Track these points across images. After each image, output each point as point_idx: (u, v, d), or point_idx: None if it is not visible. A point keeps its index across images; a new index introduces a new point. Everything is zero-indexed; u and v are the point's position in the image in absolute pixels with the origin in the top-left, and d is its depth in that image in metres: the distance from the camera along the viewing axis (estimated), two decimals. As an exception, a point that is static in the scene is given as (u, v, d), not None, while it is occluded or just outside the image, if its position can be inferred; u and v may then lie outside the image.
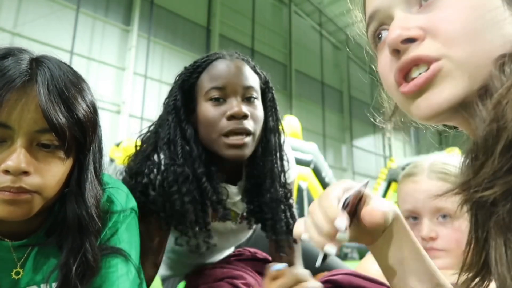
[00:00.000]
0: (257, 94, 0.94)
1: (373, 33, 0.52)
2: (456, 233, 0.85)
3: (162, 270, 1.26)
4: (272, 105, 1.00)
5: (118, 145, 6.28)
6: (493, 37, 0.42)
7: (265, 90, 1.00)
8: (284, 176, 1.00)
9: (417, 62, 0.44)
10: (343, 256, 7.76)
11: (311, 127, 13.80)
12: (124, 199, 0.74)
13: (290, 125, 7.33)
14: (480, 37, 0.41)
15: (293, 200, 1.03)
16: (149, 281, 0.89)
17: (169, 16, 10.64)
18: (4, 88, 0.55)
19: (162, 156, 0.91)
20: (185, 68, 0.98)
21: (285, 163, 1.00)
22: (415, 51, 0.43)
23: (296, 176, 1.12)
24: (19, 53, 0.61)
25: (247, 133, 0.89)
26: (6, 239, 0.65)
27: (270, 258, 1.06)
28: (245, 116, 0.88)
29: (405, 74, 0.45)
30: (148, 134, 0.98)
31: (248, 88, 0.92)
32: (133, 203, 0.77)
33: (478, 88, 0.41)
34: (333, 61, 16.53)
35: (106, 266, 0.67)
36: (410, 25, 0.44)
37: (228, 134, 0.88)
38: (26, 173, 0.57)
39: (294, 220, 1.00)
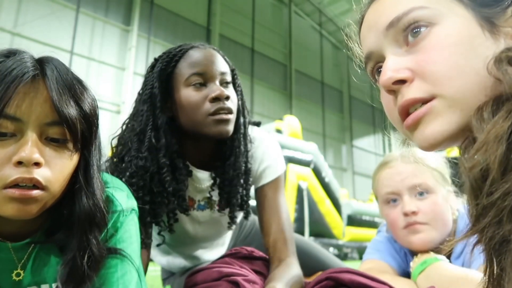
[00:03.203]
0: (230, 79, 1.01)
1: (371, 70, 0.56)
2: (434, 206, 0.95)
3: (163, 260, 1.28)
4: (240, 90, 1.08)
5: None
6: (479, 67, 0.43)
7: (234, 77, 1.07)
8: (247, 154, 1.05)
9: (411, 104, 0.47)
10: (343, 256, 7.75)
11: (311, 127, 13.81)
12: (124, 199, 0.74)
13: (290, 125, 7.32)
14: (466, 71, 0.44)
15: (251, 179, 1.08)
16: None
17: (169, 16, 10.64)
18: (14, 82, 0.56)
19: (132, 153, 0.95)
20: (156, 59, 1.03)
21: (248, 142, 1.06)
22: (407, 95, 0.47)
23: (284, 170, 1.14)
24: (23, 52, 0.62)
25: (230, 111, 0.96)
26: (6, 241, 0.65)
27: (266, 256, 1.06)
28: (227, 98, 0.95)
29: (406, 113, 0.49)
30: (124, 133, 1.02)
31: (224, 74, 0.99)
32: (132, 202, 0.76)
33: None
34: (333, 61, 16.53)
35: (106, 267, 0.67)
36: (399, 67, 0.48)
37: (214, 113, 0.94)
38: (38, 164, 0.57)
39: (248, 197, 1.07)
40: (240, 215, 1.16)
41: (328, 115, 15.52)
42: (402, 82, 0.47)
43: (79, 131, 0.61)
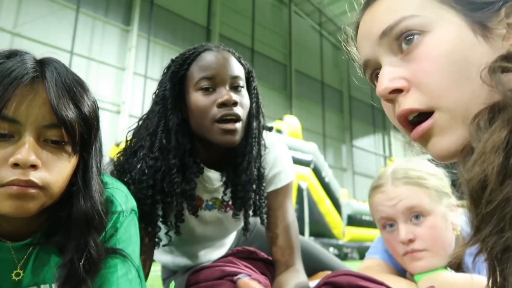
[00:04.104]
0: (243, 83, 1.00)
1: (370, 76, 0.56)
2: (431, 230, 0.90)
3: (165, 258, 1.28)
4: (255, 93, 1.06)
5: (118, 145, 6.28)
6: (473, 74, 0.43)
7: (249, 79, 1.05)
8: (260, 159, 1.04)
9: (408, 114, 0.48)
10: (343, 256, 7.75)
11: (311, 127, 13.81)
12: (123, 200, 0.74)
13: (290, 125, 7.32)
14: (460, 81, 0.43)
15: (264, 185, 1.07)
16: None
17: (169, 16, 10.64)
18: (13, 84, 0.56)
19: (145, 151, 0.96)
20: (173, 60, 1.03)
21: (262, 147, 1.05)
22: (404, 104, 0.47)
23: (294, 177, 1.13)
24: (24, 54, 0.62)
25: (237, 118, 0.94)
26: (6, 240, 0.65)
27: (270, 258, 1.06)
28: (235, 103, 0.93)
29: (405, 121, 0.49)
30: (139, 128, 1.03)
31: (236, 78, 0.97)
32: (132, 203, 0.77)
33: None
34: (333, 61, 16.53)
35: (106, 267, 0.67)
36: (395, 76, 0.48)
37: (220, 120, 0.93)
38: (34, 167, 0.57)
39: (262, 202, 1.05)
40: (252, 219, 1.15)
41: (328, 115, 15.52)
42: (398, 91, 0.48)
43: (77, 134, 0.61)
